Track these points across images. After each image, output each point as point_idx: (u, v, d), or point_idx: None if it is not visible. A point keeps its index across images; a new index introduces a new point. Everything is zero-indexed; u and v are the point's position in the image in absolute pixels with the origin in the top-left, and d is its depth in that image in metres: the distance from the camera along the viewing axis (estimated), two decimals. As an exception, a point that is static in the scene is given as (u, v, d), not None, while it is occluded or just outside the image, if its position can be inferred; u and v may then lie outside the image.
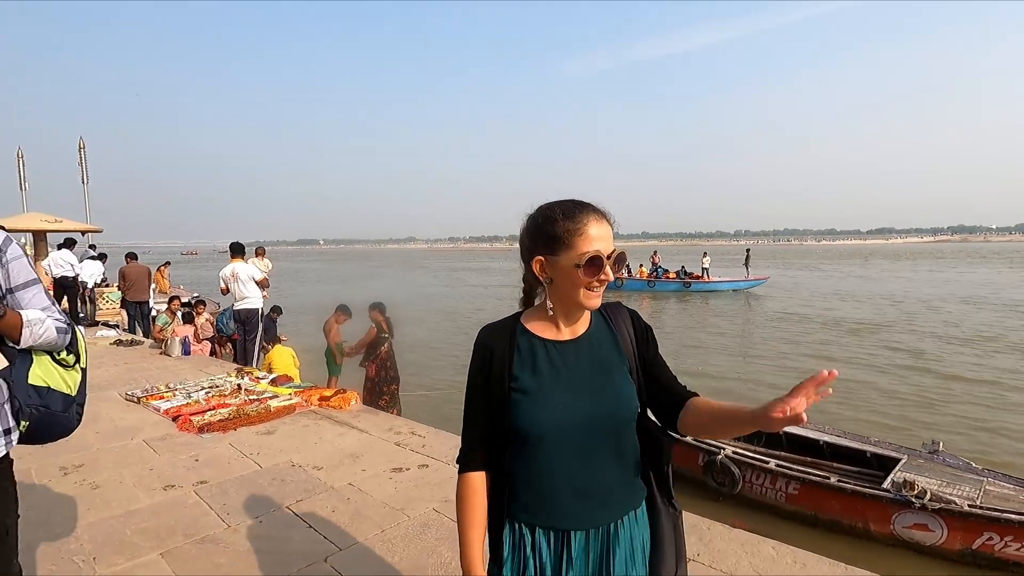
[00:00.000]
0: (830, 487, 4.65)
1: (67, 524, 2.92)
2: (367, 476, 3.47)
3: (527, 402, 1.14)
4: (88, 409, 4.94)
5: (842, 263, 52.24)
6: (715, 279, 26.53)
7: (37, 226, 14.42)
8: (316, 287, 31.70)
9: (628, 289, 26.54)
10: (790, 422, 0.97)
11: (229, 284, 7.04)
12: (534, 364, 1.17)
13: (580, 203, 1.17)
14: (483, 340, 1.22)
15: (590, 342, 1.21)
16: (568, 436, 1.14)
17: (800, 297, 23.16)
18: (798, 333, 14.41)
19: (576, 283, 1.13)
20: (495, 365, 1.18)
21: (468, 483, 1.20)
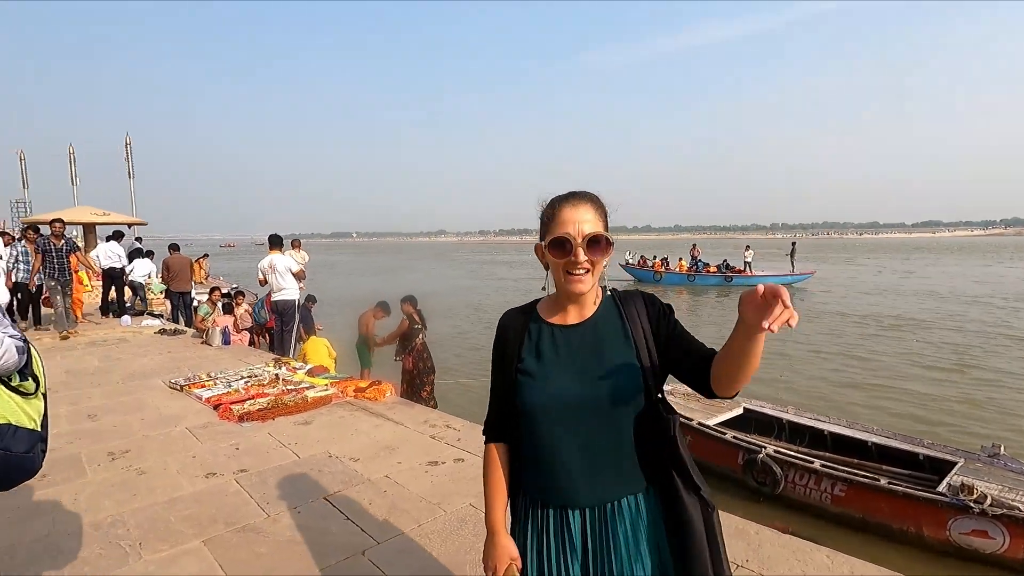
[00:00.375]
0: (880, 489, 4.43)
1: (115, 509, 3.00)
2: (403, 469, 3.46)
3: (529, 383, 1.22)
4: (133, 397, 5.10)
5: (887, 257, 50.26)
6: (758, 273, 25.65)
7: (87, 219, 15.02)
8: (348, 279, 32.25)
9: (667, 283, 26.01)
10: (763, 308, 0.92)
11: (267, 275, 7.16)
12: (540, 347, 1.25)
13: (572, 191, 1.24)
14: (502, 323, 1.33)
15: (595, 327, 1.25)
16: (562, 416, 1.19)
17: (848, 293, 22.16)
18: (846, 333, 13.71)
19: (555, 267, 1.21)
20: (508, 347, 1.29)
21: (489, 453, 1.33)
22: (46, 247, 8.18)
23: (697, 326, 15.09)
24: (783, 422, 6.11)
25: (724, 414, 6.27)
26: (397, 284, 27.85)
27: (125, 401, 5.06)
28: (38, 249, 8.19)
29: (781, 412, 6.23)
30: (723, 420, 6.18)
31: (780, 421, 6.13)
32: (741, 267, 25.92)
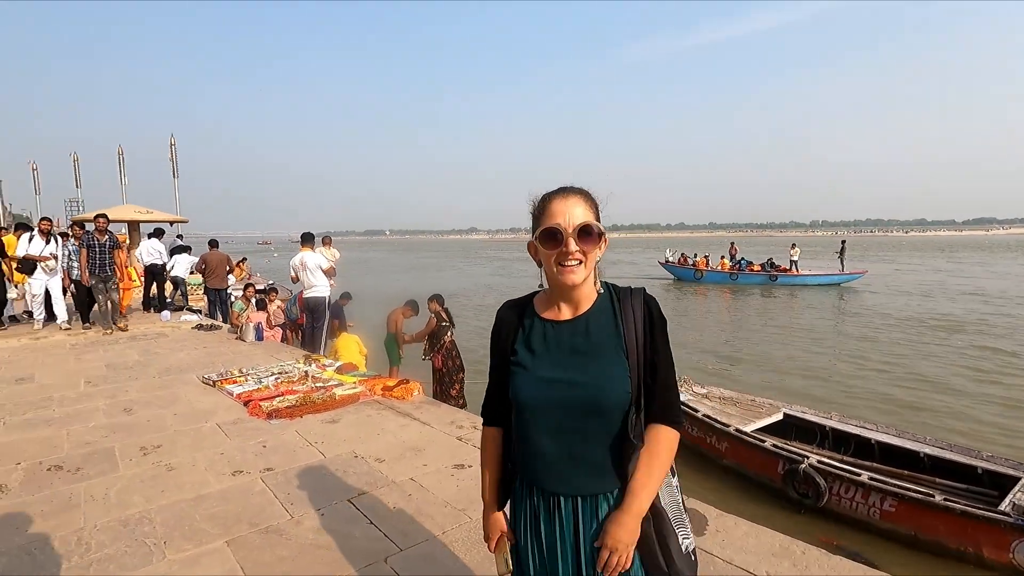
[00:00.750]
0: (935, 506, 4.15)
1: (143, 505, 3.01)
2: (429, 472, 3.38)
3: (519, 376, 1.24)
4: (168, 391, 5.16)
5: (932, 256, 48.05)
6: (804, 272, 24.77)
7: (131, 216, 15.53)
8: (379, 277, 32.59)
9: (708, 282, 25.39)
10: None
11: (298, 272, 7.22)
12: (531, 341, 1.26)
13: (562, 186, 1.24)
14: (499, 315, 1.35)
15: (587, 323, 1.24)
16: (550, 412, 1.20)
17: (894, 293, 21.15)
18: (893, 335, 12.99)
19: (547, 260, 1.20)
20: (503, 339, 1.32)
21: (485, 435, 1.41)
22: (90, 243, 8.28)
23: (738, 329, 14.65)
24: (826, 429, 5.82)
25: (763, 420, 6.01)
26: (425, 282, 28.04)
27: (160, 395, 5.15)
28: (83, 244, 8.30)
29: (824, 418, 5.93)
30: (762, 426, 5.93)
31: (823, 428, 5.84)
32: (787, 266, 25.00)
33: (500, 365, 1.32)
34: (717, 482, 5.46)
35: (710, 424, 5.72)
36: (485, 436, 1.41)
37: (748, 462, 5.36)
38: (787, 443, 5.62)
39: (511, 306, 1.34)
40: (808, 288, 23.11)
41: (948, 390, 8.65)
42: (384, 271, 39.34)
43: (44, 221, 8.77)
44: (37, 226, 8.83)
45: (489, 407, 1.40)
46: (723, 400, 6.62)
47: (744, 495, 5.20)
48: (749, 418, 6.03)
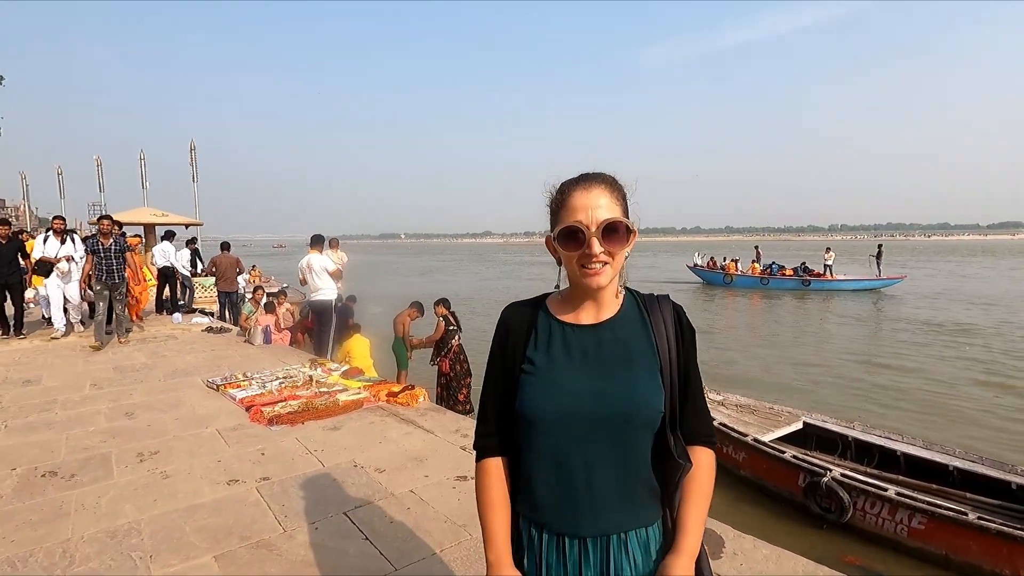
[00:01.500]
0: (968, 524, 3.91)
1: (134, 515, 2.90)
2: (430, 483, 3.24)
3: (532, 387, 1.06)
4: (171, 395, 5.06)
5: (971, 260, 46.86)
6: (840, 277, 24.02)
7: (147, 219, 15.68)
8: (388, 279, 32.67)
9: (738, 286, 24.83)
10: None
11: (305, 275, 7.14)
12: (548, 346, 1.09)
13: (584, 173, 1.08)
14: (505, 317, 1.16)
15: (614, 329, 1.09)
16: (570, 428, 1.03)
17: (941, 300, 20.25)
18: (942, 349, 12.14)
19: (568, 260, 1.05)
20: (511, 344, 1.12)
21: (485, 471, 1.14)
22: (94, 247, 7.66)
23: (772, 335, 14.24)
24: (848, 439, 5.57)
25: (782, 429, 5.78)
26: (434, 284, 28.02)
27: (163, 399, 5.07)
28: (88, 250, 7.76)
29: (846, 428, 5.68)
30: (781, 436, 5.69)
31: (845, 438, 5.59)
32: (820, 270, 24.21)
33: (505, 376, 1.12)
34: (734, 495, 5.23)
35: (726, 433, 5.50)
36: (486, 471, 1.13)
37: (767, 474, 5.13)
38: (808, 454, 5.38)
39: (520, 307, 1.16)
40: (843, 294, 22.37)
41: (997, 406, 8.21)
42: (394, 273, 39.51)
43: (57, 220, 8.42)
44: (51, 226, 8.49)
45: (487, 431, 1.15)
46: (740, 408, 6.39)
47: (762, 509, 4.98)
48: (767, 427, 5.80)
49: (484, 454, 1.15)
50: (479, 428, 1.17)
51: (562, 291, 1.16)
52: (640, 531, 1.06)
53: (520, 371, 1.09)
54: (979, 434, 6.94)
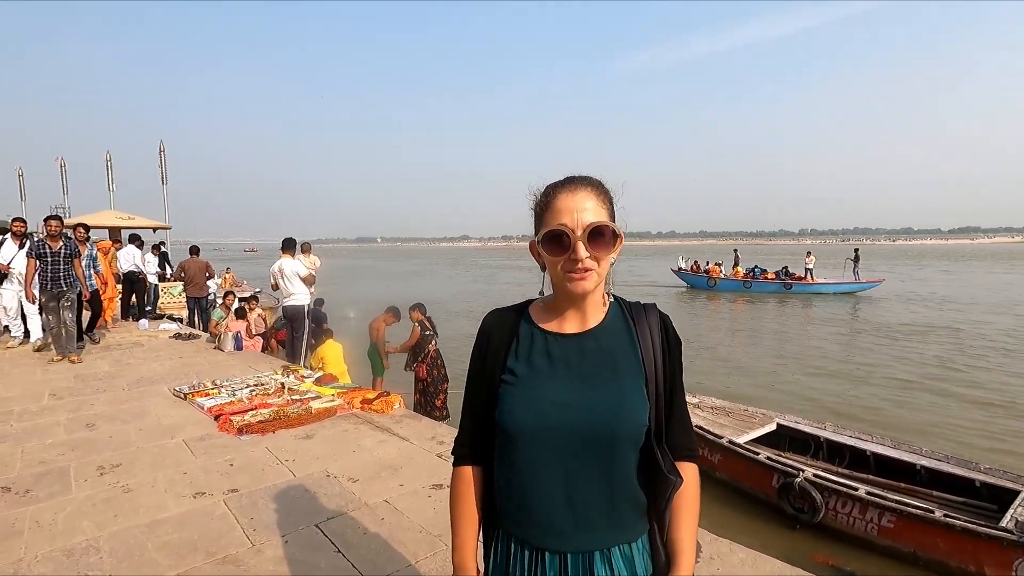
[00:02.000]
0: (935, 522, 4.00)
1: (93, 531, 2.77)
2: (404, 492, 3.17)
3: (513, 396, 1.03)
4: (136, 404, 4.86)
5: (937, 264, 48.35)
6: (820, 281, 24.37)
7: (112, 223, 15.19)
8: (363, 284, 32.29)
9: (721, 290, 25.10)
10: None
11: (277, 280, 6.99)
12: (530, 355, 1.05)
13: (570, 176, 1.05)
14: (486, 324, 1.13)
15: (598, 338, 1.05)
16: (551, 440, 0.99)
17: (916, 303, 20.65)
18: (912, 348, 12.47)
19: (552, 265, 1.02)
20: (491, 352, 1.09)
21: (460, 477, 1.12)
22: (40, 251, 6.74)
23: (755, 338, 14.29)
24: (820, 440, 5.66)
25: (756, 431, 5.85)
26: (410, 289, 27.79)
27: (127, 408, 4.89)
28: (30, 254, 6.81)
29: (818, 429, 5.78)
30: (755, 437, 5.77)
31: (817, 439, 5.68)
32: (802, 274, 24.57)
33: (485, 385, 1.08)
34: (710, 496, 5.27)
35: (702, 435, 5.54)
36: (461, 480, 1.12)
37: (742, 476, 5.19)
38: (781, 455, 5.46)
39: (501, 314, 1.13)
40: (824, 297, 22.68)
41: (979, 404, 8.34)
42: (369, 277, 39.09)
43: (17, 222, 7.86)
44: (9, 228, 8.05)
45: (464, 440, 1.13)
46: (715, 410, 6.45)
47: (738, 510, 5.02)
48: (742, 429, 5.87)
49: (461, 462, 1.13)
50: (458, 436, 1.15)
51: (545, 298, 1.12)
52: (624, 547, 1.03)
53: (500, 381, 1.06)
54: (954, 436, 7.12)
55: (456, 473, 1.13)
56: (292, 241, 7.43)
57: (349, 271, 45.24)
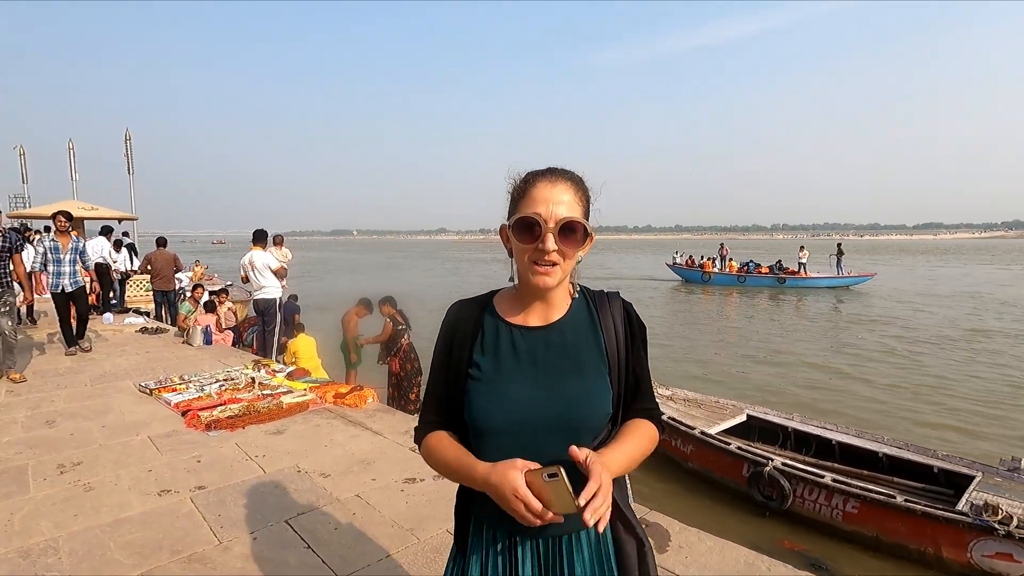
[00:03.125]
0: (896, 507, 4.13)
1: (52, 532, 2.68)
2: (376, 487, 3.14)
3: (481, 392, 1.03)
4: (100, 401, 4.70)
5: (915, 258, 49.64)
6: (814, 275, 24.47)
7: (75, 213, 14.66)
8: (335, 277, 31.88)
9: (716, 284, 25.19)
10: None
11: (248, 272, 6.84)
12: (496, 350, 1.05)
13: (552, 167, 1.04)
14: (450, 317, 1.11)
15: (563, 331, 1.06)
16: (519, 435, 1.00)
17: (905, 296, 20.83)
18: (900, 338, 12.59)
19: (519, 254, 1.01)
20: (456, 346, 1.08)
21: (436, 437, 1.08)
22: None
23: (748, 331, 14.28)
24: (788, 430, 5.80)
25: (727, 421, 5.96)
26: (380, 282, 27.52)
27: (89, 405, 4.74)
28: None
29: (786, 420, 5.92)
30: (726, 428, 5.88)
31: (785, 429, 5.82)
32: (795, 268, 24.68)
33: (451, 376, 1.07)
34: (682, 487, 5.37)
35: (675, 427, 5.63)
36: (437, 438, 1.08)
37: (713, 465, 5.28)
38: (751, 445, 5.58)
39: (465, 305, 1.11)
40: (817, 291, 22.72)
41: (971, 397, 8.44)
42: (342, 271, 38.60)
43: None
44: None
45: (429, 419, 1.11)
46: (687, 402, 6.55)
47: (709, 499, 5.12)
48: (713, 420, 5.97)
49: (429, 428, 1.10)
50: (421, 418, 1.13)
51: (510, 289, 1.11)
52: (591, 530, 1.02)
53: (467, 375, 1.05)
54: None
55: (427, 439, 1.09)
56: (263, 233, 7.27)
57: (322, 264, 44.62)
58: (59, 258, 6.50)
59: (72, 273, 6.59)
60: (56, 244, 6.50)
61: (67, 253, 6.54)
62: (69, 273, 6.55)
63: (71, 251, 6.57)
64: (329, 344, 7.26)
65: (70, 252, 6.57)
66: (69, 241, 6.61)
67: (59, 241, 6.53)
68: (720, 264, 26.43)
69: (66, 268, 6.53)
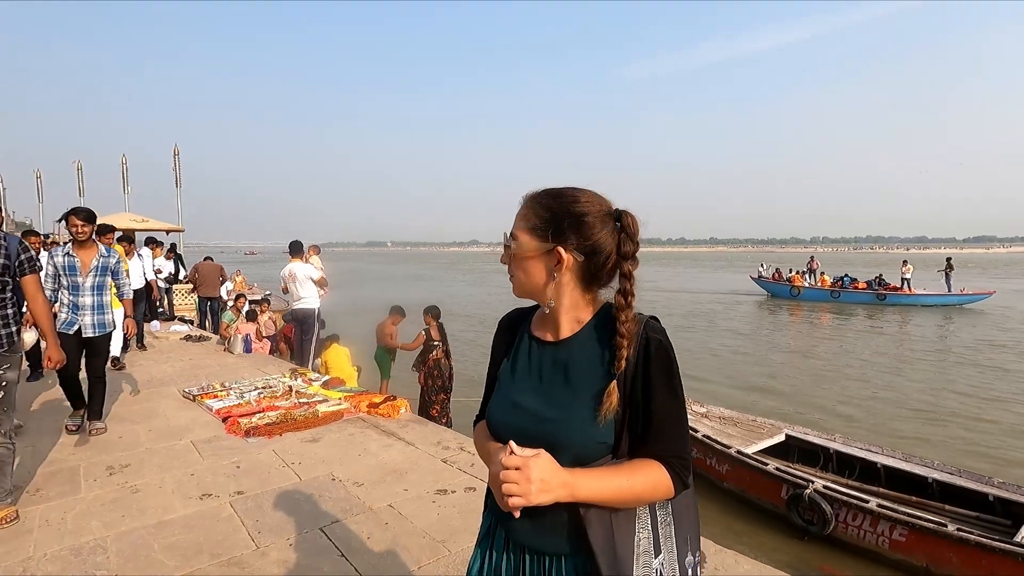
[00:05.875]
0: (948, 536, 3.93)
1: (101, 531, 2.79)
2: (409, 497, 3.17)
3: (497, 393, 1.13)
4: (146, 405, 4.86)
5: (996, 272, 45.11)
6: (919, 292, 22.55)
7: (126, 225, 15.37)
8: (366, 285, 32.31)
9: (806, 299, 23.64)
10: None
11: (288, 283, 7.04)
12: (516, 359, 1.12)
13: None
14: (501, 323, 1.21)
15: (570, 350, 1.06)
16: (512, 438, 0.98)
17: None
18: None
19: None
20: (496, 350, 1.20)
21: (480, 428, 1.18)
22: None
23: (841, 354, 12.71)
24: (830, 451, 5.59)
25: (765, 441, 5.79)
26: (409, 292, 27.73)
27: (136, 409, 4.94)
28: None
29: (828, 440, 5.71)
30: (763, 448, 5.71)
31: (827, 451, 5.61)
32: (898, 284, 22.95)
33: (490, 377, 1.20)
34: (718, 506, 5.22)
35: (710, 445, 5.50)
36: (479, 429, 1.18)
37: (750, 486, 5.13)
38: (790, 466, 5.40)
39: (513, 316, 1.21)
40: (924, 310, 20.70)
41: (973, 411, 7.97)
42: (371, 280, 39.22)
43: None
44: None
45: (478, 417, 1.23)
46: (723, 420, 6.40)
47: (746, 521, 4.97)
48: (750, 439, 5.81)
49: (477, 421, 1.21)
50: (480, 409, 1.22)
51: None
52: (578, 560, 0.99)
53: (495, 377, 1.17)
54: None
55: (477, 427, 1.20)
56: (299, 244, 7.47)
57: (349, 274, 45.48)
58: (77, 282, 4.16)
59: (98, 307, 4.23)
60: (73, 260, 4.16)
61: (90, 274, 4.20)
62: (93, 307, 4.19)
63: (95, 271, 4.23)
64: (367, 354, 7.37)
65: (94, 273, 4.22)
66: (94, 255, 4.25)
67: (77, 257, 4.18)
68: (811, 278, 25.09)
69: (87, 299, 4.17)
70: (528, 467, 0.91)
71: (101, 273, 4.28)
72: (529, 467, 0.91)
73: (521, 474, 0.90)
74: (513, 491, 0.90)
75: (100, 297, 4.27)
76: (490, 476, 1.02)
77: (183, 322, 10.68)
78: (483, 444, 1.14)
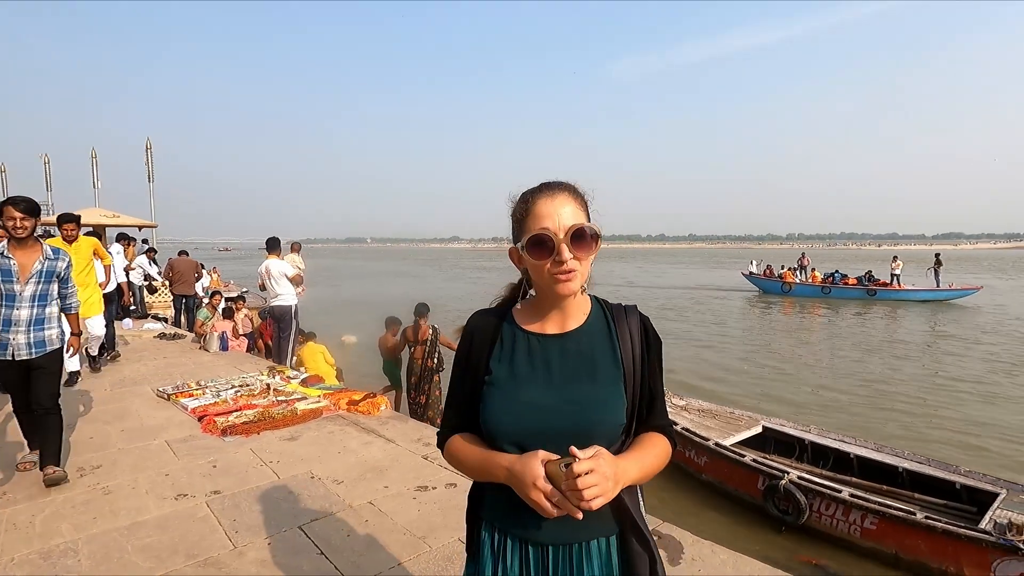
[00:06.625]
0: (916, 524, 4.04)
1: (71, 534, 2.73)
2: (389, 495, 3.16)
3: (495, 397, 1.05)
4: (118, 405, 4.75)
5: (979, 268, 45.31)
6: (908, 287, 22.91)
7: (96, 220, 14.97)
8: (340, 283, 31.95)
9: (797, 295, 23.85)
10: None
11: (264, 280, 6.93)
12: (512, 357, 1.08)
13: (545, 182, 1.07)
14: (470, 325, 1.15)
15: (579, 340, 1.08)
16: (530, 441, 1.00)
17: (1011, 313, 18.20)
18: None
19: (537, 270, 1.03)
20: (475, 353, 1.11)
21: (458, 439, 1.12)
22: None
23: (834, 349, 12.77)
24: (805, 443, 5.71)
25: (742, 433, 5.89)
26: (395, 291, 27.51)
27: (108, 409, 4.82)
28: None
29: (803, 432, 5.83)
30: (741, 440, 5.80)
31: (802, 442, 5.73)
32: (887, 279, 23.31)
33: (468, 384, 1.11)
34: (696, 498, 5.30)
35: (689, 438, 5.57)
36: (460, 439, 1.11)
37: (727, 478, 5.22)
38: (767, 457, 5.50)
39: (485, 316, 1.15)
40: (912, 305, 20.87)
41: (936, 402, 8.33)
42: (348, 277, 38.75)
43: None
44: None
45: (451, 424, 1.15)
46: (702, 412, 6.49)
47: (723, 512, 5.05)
48: (728, 431, 5.90)
49: (449, 434, 1.14)
50: (443, 424, 1.17)
51: (527, 300, 1.14)
52: (601, 540, 1.05)
53: (483, 382, 1.08)
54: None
55: (450, 442, 1.13)
56: (276, 241, 7.35)
57: (329, 271, 44.85)
58: (13, 291, 3.19)
59: (36, 322, 3.25)
60: (8, 264, 3.18)
61: (30, 281, 3.23)
62: (30, 322, 3.22)
63: (37, 277, 3.26)
64: (368, 365, 7.22)
65: (36, 279, 3.26)
66: (36, 257, 3.27)
67: (13, 258, 3.20)
68: (802, 275, 25.48)
69: (23, 311, 3.20)
70: (601, 465, 0.91)
71: (45, 279, 3.28)
72: (602, 465, 0.92)
73: (598, 475, 0.90)
74: (596, 493, 0.90)
75: (41, 310, 3.27)
76: (522, 487, 0.95)
77: (157, 320, 10.45)
78: (479, 456, 1.07)
